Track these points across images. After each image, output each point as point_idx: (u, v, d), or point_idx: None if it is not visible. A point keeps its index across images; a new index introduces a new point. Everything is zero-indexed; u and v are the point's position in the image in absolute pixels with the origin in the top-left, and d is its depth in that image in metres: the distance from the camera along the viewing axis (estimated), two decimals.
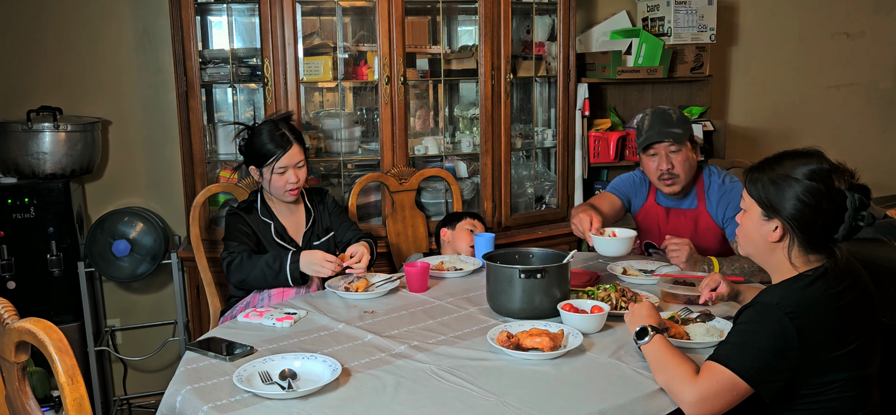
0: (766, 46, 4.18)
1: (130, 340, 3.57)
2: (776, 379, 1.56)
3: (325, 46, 3.21)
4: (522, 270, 1.99)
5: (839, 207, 1.60)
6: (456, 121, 3.58)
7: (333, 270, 2.34)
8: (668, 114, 2.60)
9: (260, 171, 2.55)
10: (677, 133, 2.55)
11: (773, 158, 1.71)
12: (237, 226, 2.53)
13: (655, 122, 2.59)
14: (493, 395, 1.57)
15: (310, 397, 1.56)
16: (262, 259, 2.40)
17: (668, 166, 2.56)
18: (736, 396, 1.56)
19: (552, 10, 3.44)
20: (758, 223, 1.68)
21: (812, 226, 1.61)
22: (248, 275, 2.40)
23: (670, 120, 2.58)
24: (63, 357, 1.11)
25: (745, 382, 1.54)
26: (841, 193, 1.60)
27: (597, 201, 2.74)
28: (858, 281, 1.66)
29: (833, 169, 1.62)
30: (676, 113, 2.61)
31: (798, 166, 1.63)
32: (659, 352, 1.65)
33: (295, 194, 2.57)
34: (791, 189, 1.62)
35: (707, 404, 1.56)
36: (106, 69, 3.34)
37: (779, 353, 1.55)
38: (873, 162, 4.40)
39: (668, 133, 2.55)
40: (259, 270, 2.39)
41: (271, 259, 2.39)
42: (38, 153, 3.05)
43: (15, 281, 3.08)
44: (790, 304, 1.57)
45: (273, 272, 2.38)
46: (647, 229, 2.77)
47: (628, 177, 2.85)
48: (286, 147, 2.51)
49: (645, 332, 1.70)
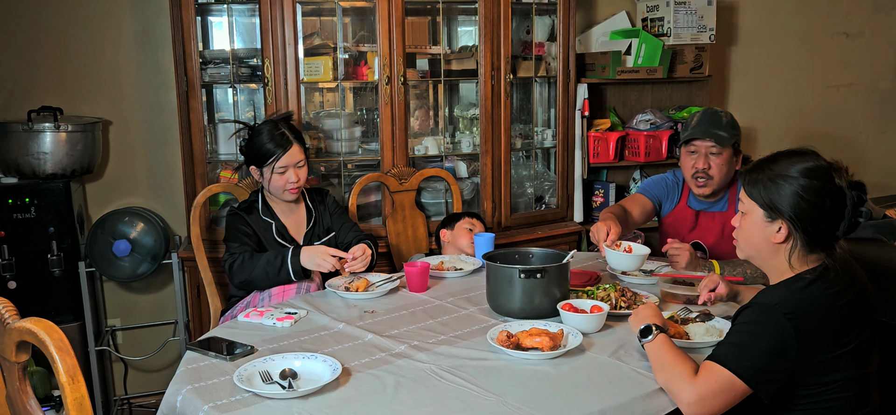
0: (765, 46, 4.18)
1: (131, 339, 3.58)
2: (775, 379, 1.56)
3: (326, 47, 3.21)
4: (522, 270, 1.99)
5: (840, 204, 1.61)
6: (456, 121, 3.58)
7: (334, 266, 2.35)
8: (718, 115, 2.57)
9: (260, 170, 2.56)
10: (722, 136, 2.52)
11: (768, 159, 1.71)
12: (238, 226, 2.53)
13: (703, 119, 2.57)
14: (493, 395, 1.57)
15: (310, 396, 1.57)
16: (264, 257, 2.41)
17: (705, 166, 2.54)
18: (734, 396, 1.56)
19: (552, 11, 3.45)
20: (760, 225, 1.68)
21: (815, 224, 1.62)
22: (251, 274, 2.40)
23: (718, 121, 2.55)
24: (64, 357, 1.11)
25: (743, 382, 1.54)
26: (840, 190, 1.61)
27: (629, 204, 2.74)
28: (856, 281, 1.66)
29: (831, 166, 1.63)
30: (727, 117, 2.58)
31: (796, 164, 1.64)
32: (660, 351, 1.66)
33: (295, 193, 2.58)
34: (792, 188, 1.62)
35: (705, 404, 1.56)
36: (106, 69, 3.35)
37: (777, 353, 1.55)
38: (873, 162, 4.40)
39: (713, 133, 2.52)
40: (261, 269, 2.39)
41: (272, 256, 2.40)
42: (39, 153, 3.06)
43: (16, 281, 3.09)
44: (789, 304, 1.57)
45: (274, 269, 2.38)
46: (673, 234, 2.72)
47: (661, 178, 2.82)
48: (286, 147, 2.52)
49: (649, 330, 1.70)
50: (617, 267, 2.38)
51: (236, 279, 2.43)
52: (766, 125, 4.23)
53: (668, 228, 2.76)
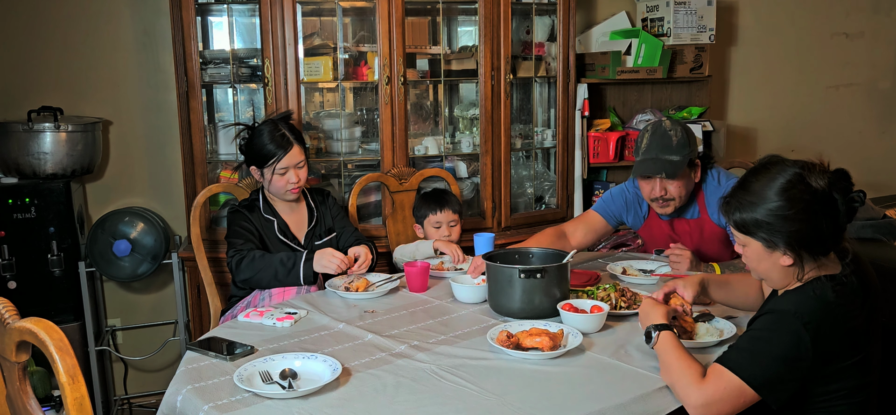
0: (765, 47, 4.18)
1: (131, 339, 3.58)
2: (786, 388, 1.54)
3: (326, 47, 3.21)
4: (522, 270, 1.99)
5: (829, 203, 1.56)
6: (456, 121, 3.58)
7: (339, 267, 2.35)
8: (668, 136, 2.42)
9: (261, 171, 2.56)
10: (672, 162, 2.39)
11: (739, 186, 1.64)
12: (241, 223, 2.53)
13: (653, 145, 2.43)
14: (493, 395, 1.57)
15: (310, 396, 1.57)
16: (276, 258, 2.41)
17: (662, 192, 2.46)
18: (743, 402, 1.54)
19: (552, 11, 3.45)
20: (764, 255, 1.62)
21: (814, 234, 1.57)
22: (257, 272, 2.40)
23: (669, 145, 2.41)
24: (64, 357, 1.11)
25: (753, 390, 1.52)
26: (822, 189, 1.56)
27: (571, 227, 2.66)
28: (871, 289, 1.63)
29: (803, 169, 1.58)
30: (678, 135, 2.42)
31: (768, 186, 1.58)
32: (667, 351, 1.63)
33: (296, 193, 2.58)
34: (776, 213, 1.56)
35: (712, 409, 1.53)
36: (106, 69, 3.35)
37: (791, 362, 1.52)
38: (873, 162, 4.40)
39: (663, 162, 2.39)
40: (271, 269, 2.39)
41: (285, 258, 2.41)
42: (39, 153, 3.06)
43: (16, 281, 3.09)
44: (807, 313, 1.53)
45: (285, 270, 2.39)
46: (654, 240, 2.70)
47: (620, 192, 2.71)
48: (287, 148, 2.52)
49: (658, 328, 1.68)
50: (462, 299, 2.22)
51: (241, 276, 2.43)
52: (766, 125, 4.23)
53: (647, 237, 2.74)
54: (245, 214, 2.56)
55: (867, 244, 2.93)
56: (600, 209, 2.70)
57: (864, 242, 2.93)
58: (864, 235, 2.98)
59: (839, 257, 1.62)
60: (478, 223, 3.31)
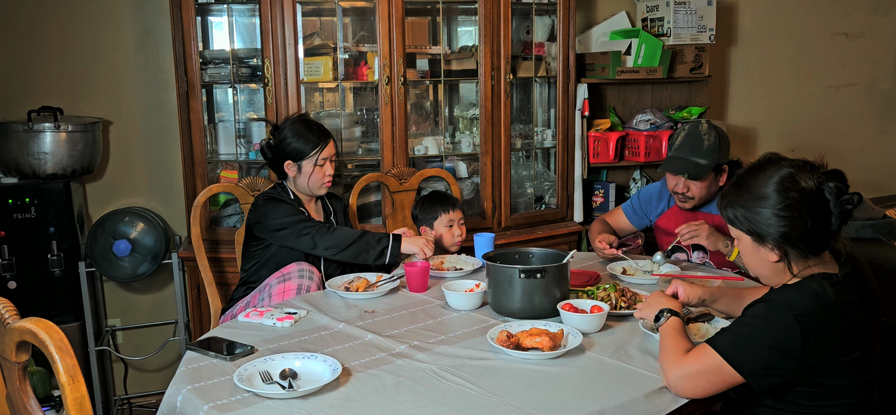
0: (765, 47, 4.18)
1: (131, 339, 3.58)
2: (771, 376, 1.55)
3: (326, 47, 3.21)
4: (522, 270, 1.99)
5: (820, 203, 1.57)
6: (456, 121, 3.58)
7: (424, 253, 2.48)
8: (700, 139, 2.49)
9: (299, 165, 2.56)
10: (699, 165, 2.47)
11: (737, 183, 1.68)
12: (286, 205, 2.55)
13: (684, 145, 2.51)
14: (493, 395, 1.57)
15: (310, 396, 1.57)
16: (357, 232, 2.48)
17: (685, 189, 2.55)
18: (721, 381, 1.56)
19: (552, 11, 3.45)
20: (753, 250, 1.66)
21: (802, 234, 1.58)
22: (341, 241, 2.46)
23: (700, 147, 2.48)
24: (64, 357, 1.11)
25: (736, 371, 1.54)
26: (814, 189, 1.57)
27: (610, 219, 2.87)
28: (869, 290, 1.64)
29: (796, 168, 1.59)
30: (711, 140, 2.49)
31: (764, 183, 1.61)
32: (668, 333, 1.69)
33: (329, 186, 2.64)
34: (767, 210, 1.59)
35: (689, 382, 1.56)
36: (106, 69, 3.35)
37: (779, 352, 1.53)
38: (873, 162, 4.41)
39: (690, 163, 2.48)
40: (360, 243, 2.45)
41: (371, 235, 2.48)
42: (39, 153, 3.06)
43: (16, 281, 3.09)
44: (801, 307, 1.53)
45: (373, 243, 2.46)
46: (671, 231, 2.72)
47: (648, 193, 2.82)
48: (327, 139, 2.59)
49: (671, 313, 1.74)
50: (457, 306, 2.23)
51: (325, 243, 2.46)
52: (766, 125, 4.23)
53: (664, 227, 2.76)
54: (284, 199, 2.58)
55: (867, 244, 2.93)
56: (630, 214, 2.86)
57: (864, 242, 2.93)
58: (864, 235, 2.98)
59: (834, 257, 1.63)
60: (478, 223, 3.31)
